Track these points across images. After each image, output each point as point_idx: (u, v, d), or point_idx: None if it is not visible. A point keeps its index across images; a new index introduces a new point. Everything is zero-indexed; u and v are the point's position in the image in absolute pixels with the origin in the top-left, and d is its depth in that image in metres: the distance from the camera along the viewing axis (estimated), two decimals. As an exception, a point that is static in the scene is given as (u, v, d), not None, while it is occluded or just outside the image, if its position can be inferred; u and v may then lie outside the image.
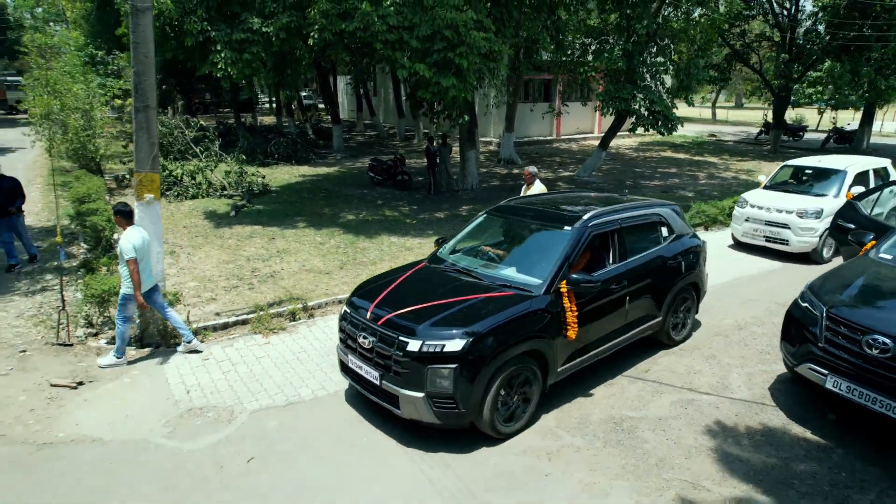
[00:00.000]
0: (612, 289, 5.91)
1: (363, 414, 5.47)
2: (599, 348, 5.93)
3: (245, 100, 38.72)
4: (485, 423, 4.94)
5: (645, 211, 6.73)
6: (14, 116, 45.00)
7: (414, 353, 4.81)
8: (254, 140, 23.33)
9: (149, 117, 6.53)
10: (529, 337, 5.10)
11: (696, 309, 7.29)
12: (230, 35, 12.25)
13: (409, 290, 5.62)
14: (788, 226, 10.26)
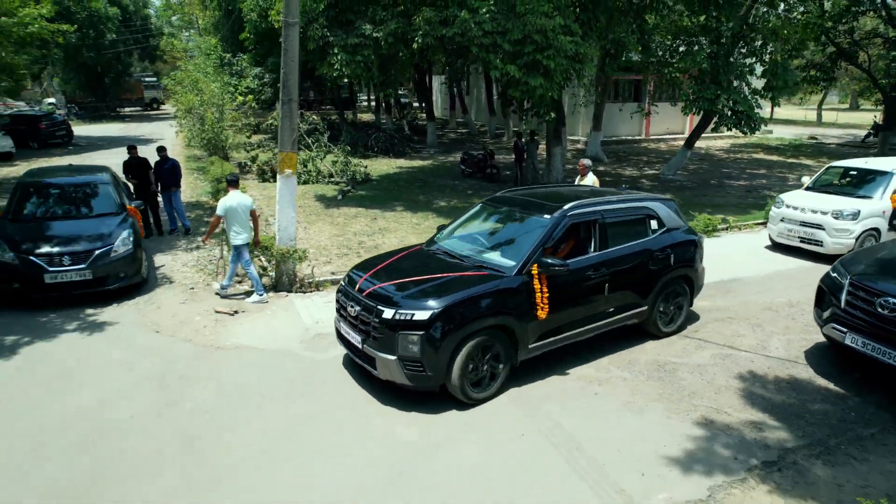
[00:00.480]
0: (589, 275, 6.27)
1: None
2: (575, 330, 6.30)
3: (345, 98, 41.64)
4: (454, 388, 5.49)
5: (632, 204, 7.02)
6: (149, 112, 50.79)
7: (388, 321, 5.41)
8: (356, 135, 25.51)
9: (292, 108, 8.26)
10: (496, 313, 5.61)
11: (689, 303, 7.45)
12: (346, 40, 14.09)
13: (397, 268, 6.27)
14: (823, 227, 10.08)
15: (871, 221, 9.98)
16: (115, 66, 44.68)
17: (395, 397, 5.67)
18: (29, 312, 7.81)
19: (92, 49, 35.92)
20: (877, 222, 10.07)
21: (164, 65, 55.37)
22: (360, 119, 39.37)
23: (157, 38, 49.03)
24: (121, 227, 8.59)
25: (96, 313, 7.87)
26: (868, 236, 10.00)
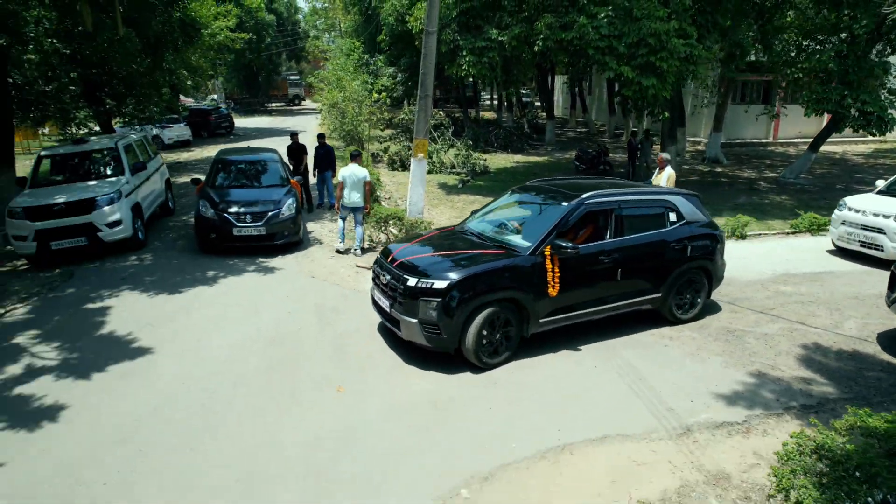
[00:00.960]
0: (602, 260, 6.73)
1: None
2: (587, 310, 6.79)
3: (469, 97, 43.68)
4: (469, 352, 6.15)
5: (651, 197, 7.45)
6: (292, 108, 56.29)
7: (411, 288, 6.13)
8: (477, 131, 27.18)
9: (427, 104, 9.98)
10: (508, 287, 6.21)
11: (707, 293, 7.72)
12: (474, 43, 15.68)
13: (427, 245, 7.04)
14: (884, 231, 9.71)
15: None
16: (267, 66, 50.16)
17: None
18: (221, 257, 10.20)
19: (253, 52, 40.85)
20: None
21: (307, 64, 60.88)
22: (482, 117, 41.15)
23: (303, 40, 54.19)
24: (286, 196, 10.78)
25: (267, 261, 10.09)
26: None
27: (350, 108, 21.65)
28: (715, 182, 18.14)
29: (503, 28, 15.50)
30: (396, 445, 5.00)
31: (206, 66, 20.13)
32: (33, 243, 9.62)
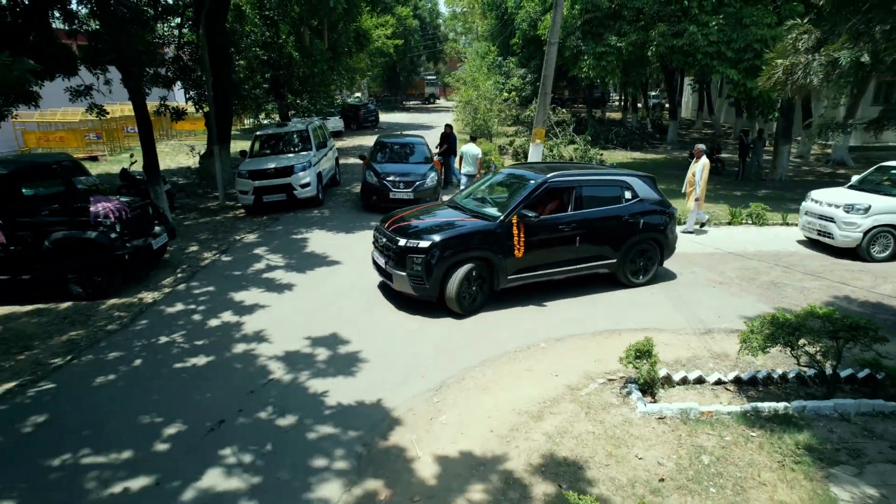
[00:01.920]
0: (562, 228, 8.02)
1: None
2: (548, 270, 8.09)
3: (598, 97, 44.92)
4: (452, 301, 7.49)
5: (609, 177, 8.65)
6: (427, 106, 60.58)
7: (402, 247, 7.52)
8: (599, 129, 28.88)
9: (545, 100, 12.47)
10: (480, 248, 7.54)
11: (659, 262, 8.91)
12: (594, 48, 17.78)
13: (418, 215, 8.44)
14: (834, 220, 10.38)
15: (884, 217, 10.05)
16: (408, 67, 54.73)
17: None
18: (378, 213, 13.31)
19: (399, 54, 45.29)
20: (893, 219, 10.08)
21: (444, 65, 65.00)
22: (608, 117, 42.33)
23: (442, 42, 58.25)
24: (430, 171, 13.71)
25: (413, 220, 13.07)
26: (880, 233, 10.12)
27: (482, 105, 24.48)
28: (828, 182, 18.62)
29: (622, 35, 17.43)
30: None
31: (364, 67, 23.96)
32: (252, 196, 13.41)
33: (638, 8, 16.87)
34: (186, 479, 4.53)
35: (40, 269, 8.40)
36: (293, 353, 6.67)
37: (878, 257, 10.27)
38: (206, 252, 10.76)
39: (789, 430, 5.14)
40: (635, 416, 5.39)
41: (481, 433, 5.16)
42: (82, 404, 5.64)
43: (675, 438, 5.07)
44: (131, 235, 8.94)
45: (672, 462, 4.76)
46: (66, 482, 4.51)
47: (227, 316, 7.75)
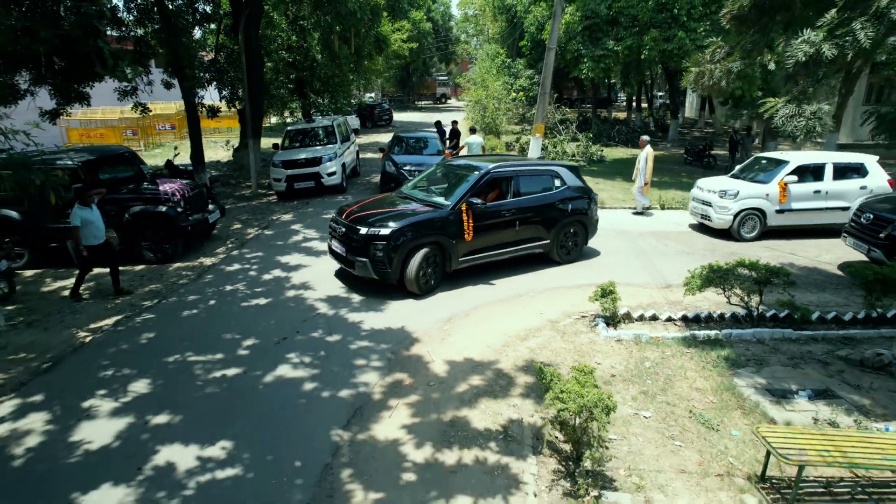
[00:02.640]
0: (504, 214, 8.83)
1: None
2: (493, 252, 8.94)
3: (604, 97, 46.48)
4: (411, 282, 8.10)
5: (542, 168, 9.66)
6: (438, 105, 62.28)
7: (363, 235, 7.98)
8: (602, 127, 30.42)
9: (545, 99, 14.10)
10: (435, 233, 8.17)
11: (584, 241, 10.08)
12: (593, 52, 19.39)
13: (373, 205, 8.98)
14: (711, 204, 11.68)
15: (751, 202, 11.32)
16: (420, 68, 56.47)
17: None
18: (396, 200, 15.07)
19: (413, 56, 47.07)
20: (759, 203, 11.33)
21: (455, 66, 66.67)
22: (614, 116, 43.79)
23: (454, 44, 59.95)
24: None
25: (427, 205, 14.77)
26: (748, 216, 11.38)
27: (491, 104, 26.12)
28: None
29: (619, 40, 19.03)
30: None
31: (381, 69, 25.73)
32: (284, 184, 15.17)
33: (633, 15, 18.45)
34: (265, 370, 6.26)
35: (120, 237, 10.18)
36: (334, 297, 8.40)
37: (746, 237, 11.60)
38: (250, 228, 12.54)
39: (716, 349, 6.77)
40: (599, 339, 7.05)
41: (480, 347, 6.84)
42: (178, 327, 7.41)
43: (627, 353, 6.71)
44: (192, 211, 10.71)
45: (622, 366, 6.41)
46: (182, 370, 6.26)
47: (276, 272, 9.50)
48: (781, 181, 11.34)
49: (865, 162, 11.82)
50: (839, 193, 11.42)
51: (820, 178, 11.50)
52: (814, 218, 11.60)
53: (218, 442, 5.00)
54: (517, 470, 4.71)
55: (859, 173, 11.64)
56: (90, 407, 5.58)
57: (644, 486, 4.51)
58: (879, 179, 11.53)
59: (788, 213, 11.50)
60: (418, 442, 5.07)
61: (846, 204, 11.33)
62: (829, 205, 11.47)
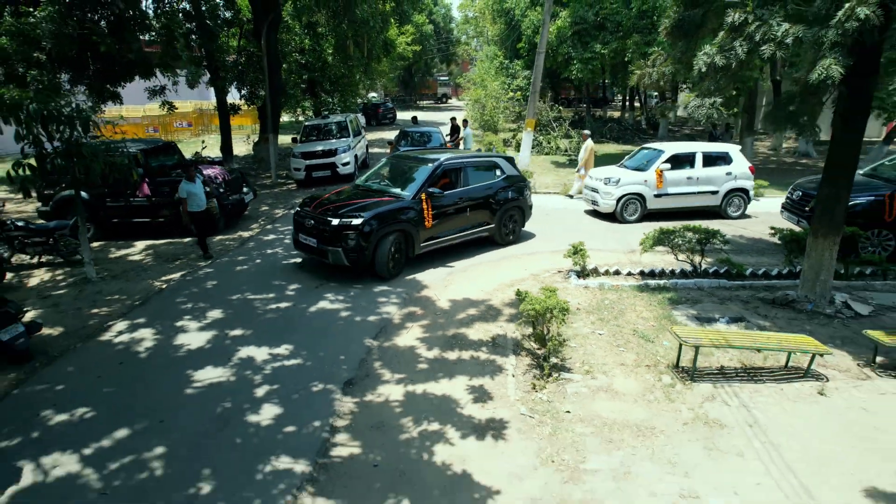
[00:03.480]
0: (457, 202, 9.65)
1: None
2: (448, 237, 9.75)
3: (601, 97, 48.31)
4: (382, 266, 8.68)
5: (485, 159, 10.64)
6: (439, 105, 64.04)
7: (335, 226, 8.44)
8: (595, 124, 32.20)
9: (534, 97, 15.90)
10: (400, 222, 8.77)
11: (522, 224, 11.11)
12: (582, 54, 21.18)
13: (337, 197, 9.44)
14: (598, 191, 12.93)
15: (631, 188, 12.60)
16: (422, 68, 58.27)
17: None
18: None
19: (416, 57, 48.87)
20: (639, 188, 12.60)
21: (456, 66, 68.44)
22: (609, 115, 45.57)
23: (455, 45, 61.76)
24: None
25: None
26: (630, 200, 12.62)
27: (489, 103, 27.93)
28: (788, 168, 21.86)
29: (605, 44, 20.83)
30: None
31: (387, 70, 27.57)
32: (303, 172, 16.97)
33: (618, 21, 20.26)
34: (309, 304, 8.07)
35: (170, 214, 11.97)
36: (356, 258, 10.20)
37: (629, 220, 12.79)
38: (277, 209, 14.35)
39: (662, 293, 8.56)
40: (571, 286, 8.85)
41: (474, 291, 8.65)
42: (234, 277, 9.24)
43: (592, 295, 8.51)
44: (231, 192, 12.52)
45: (587, 303, 8.20)
46: (244, 304, 8.08)
47: (306, 241, 11.31)
48: (658, 169, 12.58)
49: (730, 151, 13.32)
50: (708, 179, 12.86)
51: (692, 166, 12.86)
52: (687, 201, 12.96)
53: (282, 345, 6.82)
54: (501, 363, 6.52)
55: (725, 161, 13.10)
56: (181, 325, 7.40)
57: (592, 371, 6.31)
58: (742, 166, 13.07)
59: (665, 198, 12.80)
60: (428, 347, 6.88)
61: (715, 188, 12.90)
62: (700, 189, 12.89)
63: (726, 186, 13.00)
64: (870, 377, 6.20)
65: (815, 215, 7.85)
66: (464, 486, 4.54)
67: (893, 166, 10.80)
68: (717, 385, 6.04)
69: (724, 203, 13.16)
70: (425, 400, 5.75)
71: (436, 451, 4.96)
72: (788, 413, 5.52)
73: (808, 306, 7.99)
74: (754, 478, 4.63)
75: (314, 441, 5.04)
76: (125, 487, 4.46)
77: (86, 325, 7.51)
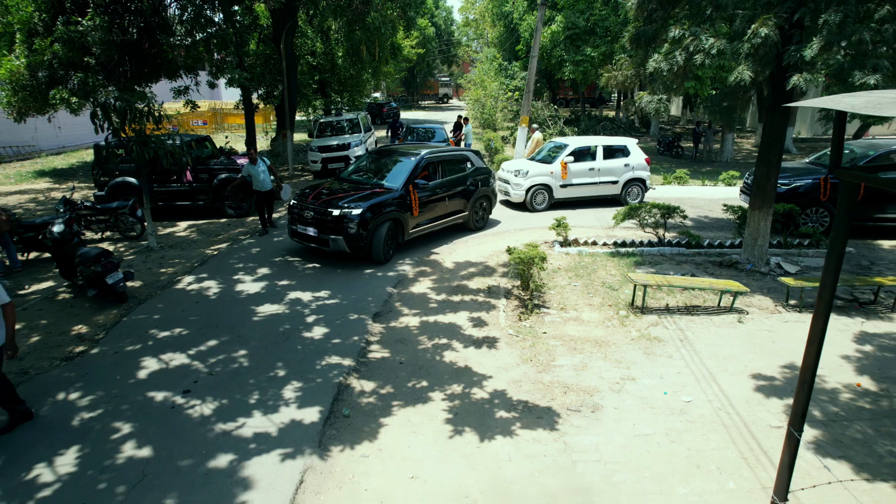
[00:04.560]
0: (437, 191, 10.62)
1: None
2: (432, 224, 10.74)
3: (597, 98, 50.10)
4: (378, 252, 9.48)
5: (458, 153, 11.63)
6: (441, 105, 65.83)
7: (337, 216, 9.16)
8: (589, 123, 33.97)
9: (528, 96, 17.67)
10: (392, 211, 9.59)
11: (489, 212, 12.39)
12: (574, 57, 22.94)
13: (329, 190, 10.09)
14: (509, 182, 13.95)
15: (538, 179, 13.66)
16: (424, 69, 60.06)
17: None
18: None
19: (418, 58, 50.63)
20: (545, 180, 13.67)
21: (457, 68, 70.20)
22: (605, 114, 47.36)
23: (455, 46, 63.55)
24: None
25: (435, 181, 18.39)
26: (538, 190, 13.73)
27: (489, 102, 29.70)
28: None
29: (595, 47, 22.60)
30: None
31: (393, 72, 29.36)
32: (320, 164, 18.75)
33: (607, 27, 22.03)
34: (337, 265, 9.84)
35: (209, 197, 13.73)
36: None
37: (538, 208, 13.90)
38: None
39: (630, 257, 10.34)
40: (555, 252, 10.62)
41: (475, 255, 10.44)
42: (274, 245, 11.04)
43: (571, 259, 10.28)
44: (261, 179, 14.29)
45: (566, 265, 9.97)
46: (285, 264, 9.87)
47: (329, 220, 13.09)
48: (563, 161, 13.69)
49: (628, 144, 14.58)
50: (608, 170, 14.10)
51: (593, 158, 14.00)
52: (590, 190, 14.16)
53: (321, 291, 8.60)
54: (495, 303, 8.30)
55: (624, 154, 14.34)
56: (238, 278, 9.20)
57: (565, 309, 8.09)
58: (639, 158, 14.40)
59: (570, 188, 13.94)
60: (437, 293, 8.67)
61: (615, 178, 14.15)
62: (601, 179, 14.06)
63: (625, 177, 14.25)
64: (780, 312, 7.98)
65: (752, 191, 9.62)
66: (466, 374, 6.32)
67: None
68: (661, 316, 7.82)
69: (623, 192, 14.40)
70: (436, 326, 7.53)
71: (445, 355, 6.74)
72: (711, 334, 7.30)
73: (748, 266, 9.77)
74: (676, 369, 6.40)
75: (355, 348, 6.82)
76: (224, 371, 6.24)
77: (159, 279, 9.29)
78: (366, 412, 5.56)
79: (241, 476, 4.60)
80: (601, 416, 5.49)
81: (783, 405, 5.72)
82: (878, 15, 6.51)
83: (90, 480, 4.55)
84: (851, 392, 5.98)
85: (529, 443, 5.09)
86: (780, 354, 6.75)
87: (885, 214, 11.58)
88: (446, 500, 4.42)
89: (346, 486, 4.56)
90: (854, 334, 7.31)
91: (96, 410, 5.52)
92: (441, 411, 5.58)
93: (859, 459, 4.88)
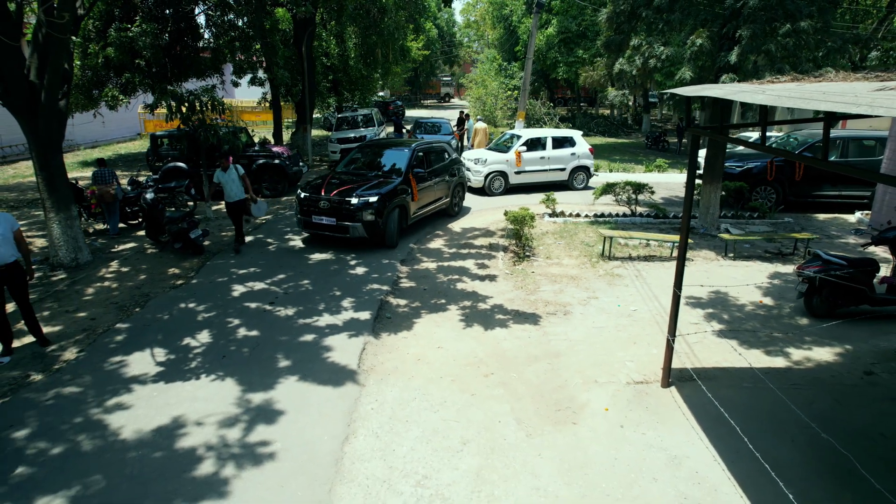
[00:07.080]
0: (430, 178, 11.69)
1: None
2: (427, 208, 11.88)
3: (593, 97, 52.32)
4: (389, 237, 10.38)
5: (440, 144, 12.87)
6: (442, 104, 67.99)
7: (355, 205, 9.90)
8: (583, 119, 36.22)
9: (524, 94, 19.90)
10: (399, 197, 10.50)
11: (463, 199, 13.67)
12: (567, 58, 25.15)
13: (337, 182, 10.73)
14: (470, 169, 15.42)
15: (495, 166, 15.34)
16: (427, 69, 62.28)
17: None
18: (419, 166, 20.93)
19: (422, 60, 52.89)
20: (502, 167, 15.37)
21: (458, 68, 72.38)
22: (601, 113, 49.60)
23: (457, 47, 65.80)
24: (452, 139, 21.16)
25: (441, 170, 20.62)
26: (495, 177, 15.38)
27: (489, 100, 31.91)
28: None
29: (586, 49, 24.82)
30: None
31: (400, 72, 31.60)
32: (339, 155, 20.95)
33: (597, 31, 24.23)
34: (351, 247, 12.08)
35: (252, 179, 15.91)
36: (393, 206, 14.23)
37: (495, 193, 15.58)
38: (322, 181, 18.32)
39: (606, 225, 12.55)
40: (544, 222, 12.84)
41: (479, 223, 12.69)
42: (310, 217, 13.26)
43: (557, 226, 12.50)
44: (292, 164, 16.51)
45: (553, 230, 12.19)
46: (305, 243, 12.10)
47: (354, 198, 15.32)
48: (517, 150, 15.43)
49: (574, 136, 16.47)
50: (557, 159, 15.95)
51: (544, 148, 15.82)
52: (541, 177, 15.93)
53: (351, 254, 10.82)
54: (495, 254, 10.54)
55: (571, 144, 16.25)
56: (288, 237, 11.44)
57: (550, 258, 10.31)
58: (584, 148, 16.36)
59: (524, 174, 15.70)
60: (448, 247, 10.90)
61: (563, 166, 16.06)
62: (550, 167, 15.93)
63: (572, 164, 16.19)
64: (718, 260, 10.23)
65: (703, 169, 11.84)
66: (473, 296, 8.54)
67: (782, 143, 14.82)
68: (624, 262, 10.07)
69: (570, 178, 16.38)
70: (449, 268, 9.77)
71: (457, 285, 8.97)
72: (660, 273, 9.54)
73: (702, 230, 12.00)
74: (630, 293, 8.63)
75: (389, 280, 9.06)
76: (296, 292, 8.48)
77: (223, 239, 11.51)
78: (402, 316, 7.80)
79: (323, 345, 6.84)
80: (571, 318, 7.73)
81: (703, 313, 7.95)
82: (782, 31, 8.72)
83: (223, 345, 6.79)
84: (754, 305, 8.21)
85: (519, 331, 7.33)
86: (710, 285, 8.98)
87: (821, 192, 13.82)
88: (463, 358, 6.65)
89: (394, 351, 6.79)
90: (769, 273, 9.55)
91: (211, 313, 7.76)
92: (456, 315, 7.82)
93: (743, 337, 7.12)
